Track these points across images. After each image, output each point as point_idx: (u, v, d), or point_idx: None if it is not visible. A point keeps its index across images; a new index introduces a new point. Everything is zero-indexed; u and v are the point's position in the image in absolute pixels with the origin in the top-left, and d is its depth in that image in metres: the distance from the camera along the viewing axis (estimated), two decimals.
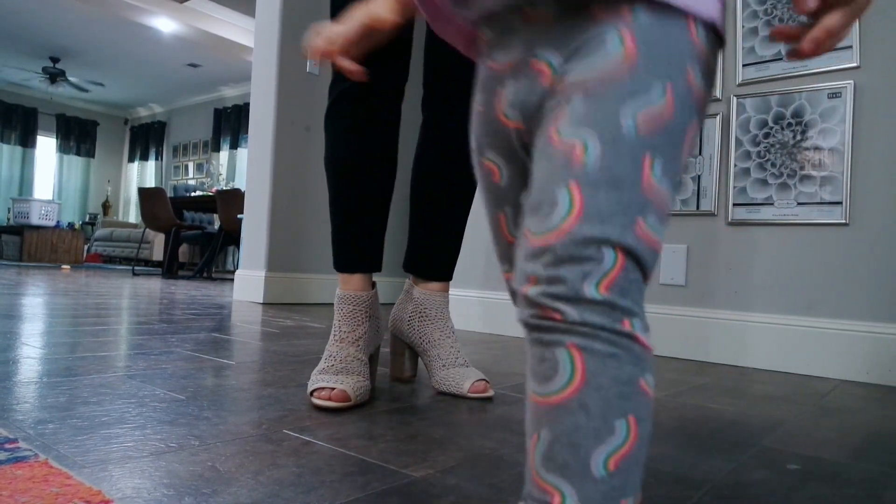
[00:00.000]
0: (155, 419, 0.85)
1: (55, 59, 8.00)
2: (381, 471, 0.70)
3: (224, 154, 9.10)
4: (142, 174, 10.49)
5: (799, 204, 1.68)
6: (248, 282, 3.11)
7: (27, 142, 9.62)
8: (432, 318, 1.18)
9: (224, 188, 7.10)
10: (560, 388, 0.36)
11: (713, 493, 0.68)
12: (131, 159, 10.75)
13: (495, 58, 0.47)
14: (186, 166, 9.84)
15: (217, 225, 5.70)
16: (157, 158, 10.29)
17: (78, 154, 10.24)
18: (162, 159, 10.26)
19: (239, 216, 4.13)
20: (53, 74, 8.13)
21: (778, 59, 1.73)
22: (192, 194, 7.17)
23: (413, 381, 1.24)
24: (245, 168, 5.37)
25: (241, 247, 3.28)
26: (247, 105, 7.88)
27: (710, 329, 1.79)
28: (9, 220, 7.55)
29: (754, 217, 1.75)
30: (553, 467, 0.36)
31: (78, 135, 10.20)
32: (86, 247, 8.00)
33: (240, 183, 8.11)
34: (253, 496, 0.60)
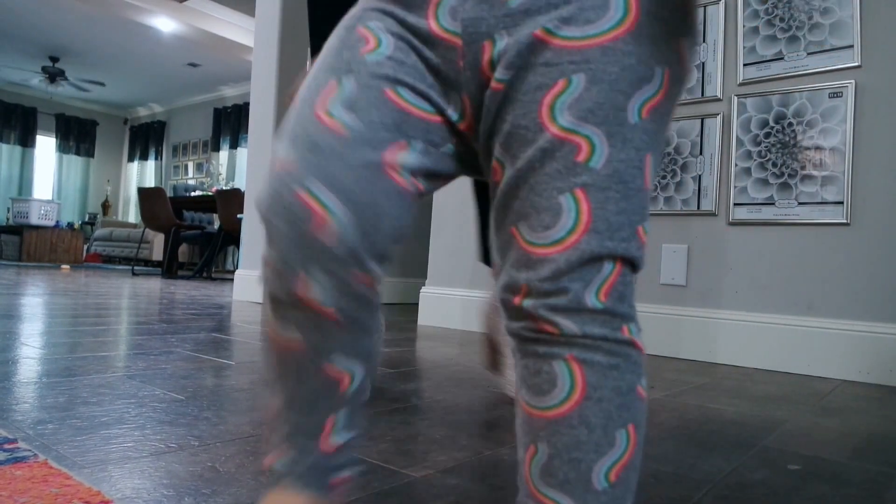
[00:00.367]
0: (155, 419, 0.85)
1: (55, 59, 7.99)
2: (381, 471, 0.69)
3: (224, 154, 9.09)
4: (141, 174, 10.49)
5: (800, 204, 1.68)
6: (248, 282, 3.11)
7: (27, 141, 9.61)
8: None
9: (224, 188, 7.10)
10: (559, 402, 0.34)
11: (713, 493, 0.68)
12: (131, 159, 10.75)
13: None
14: (186, 166, 9.84)
15: (217, 225, 5.69)
16: (156, 158, 10.28)
17: (77, 154, 10.24)
18: (162, 159, 10.25)
19: (239, 216, 4.13)
20: (53, 74, 8.13)
21: (779, 58, 1.73)
22: (192, 194, 7.17)
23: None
24: (245, 168, 5.37)
25: (241, 247, 3.27)
26: (247, 105, 7.88)
27: (711, 329, 1.79)
28: (8, 219, 7.54)
29: (755, 217, 1.75)
30: (554, 483, 0.35)
31: (77, 134, 10.19)
32: (85, 247, 8.00)
33: (240, 183, 8.10)
34: (253, 496, 0.60)
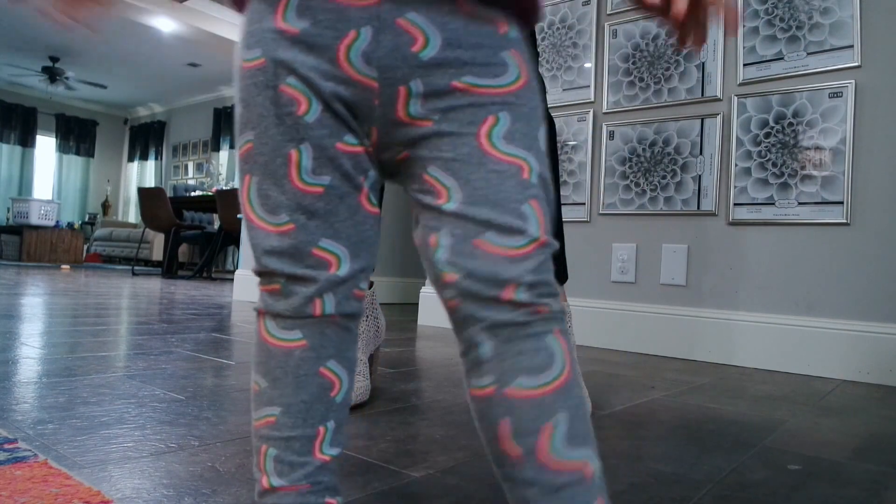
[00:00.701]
0: (155, 419, 0.85)
1: (55, 59, 7.99)
2: (381, 471, 0.69)
3: (224, 154, 9.09)
4: (141, 174, 10.49)
5: (800, 204, 1.68)
6: (248, 282, 3.11)
7: (26, 141, 9.61)
8: None
9: (224, 188, 7.10)
10: (559, 373, 0.41)
11: (714, 493, 0.68)
12: (131, 159, 10.75)
13: None
14: (186, 166, 9.84)
15: (217, 225, 5.69)
16: (156, 158, 10.28)
17: (77, 154, 10.23)
18: (162, 159, 10.25)
19: (239, 216, 4.13)
20: (53, 74, 8.13)
21: (779, 58, 1.73)
22: (192, 194, 7.17)
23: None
24: None
25: (241, 247, 3.28)
26: None
27: (711, 329, 1.79)
28: (8, 219, 7.55)
29: (755, 217, 1.75)
30: (579, 442, 0.40)
31: (77, 134, 10.19)
32: (85, 247, 8.00)
33: None
34: (253, 496, 0.60)
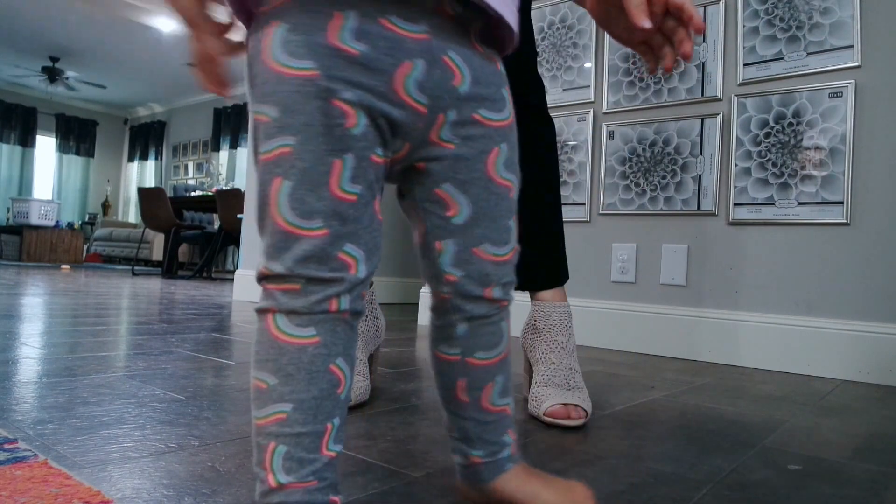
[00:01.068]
0: (155, 419, 0.85)
1: (55, 59, 7.99)
2: (381, 471, 0.69)
3: (224, 154, 9.09)
4: (141, 174, 10.49)
5: (800, 204, 1.68)
6: (248, 282, 3.11)
7: (26, 141, 9.61)
8: (540, 330, 1.08)
9: (224, 188, 7.10)
10: (503, 348, 0.56)
11: (714, 493, 0.68)
12: (131, 159, 10.75)
13: (397, 23, 0.44)
14: (186, 166, 9.84)
15: (217, 225, 5.69)
16: (156, 158, 10.28)
17: (77, 154, 10.24)
18: (162, 159, 10.25)
19: (239, 216, 4.13)
20: (53, 74, 8.13)
21: (779, 58, 1.73)
22: (192, 194, 7.17)
23: None
24: (245, 168, 5.37)
25: (241, 247, 3.28)
26: (247, 105, 7.87)
27: (711, 329, 1.79)
28: (8, 219, 7.55)
29: (755, 217, 1.75)
30: (507, 394, 0.56)
31: (77, 134, 10.19)
32: (85, 247, 8.00)
33: (240, 183, 8.10)
34: (253, 497, 0.60)
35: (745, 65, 1.78)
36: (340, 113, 0.43)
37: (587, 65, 2.09)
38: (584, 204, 2.07)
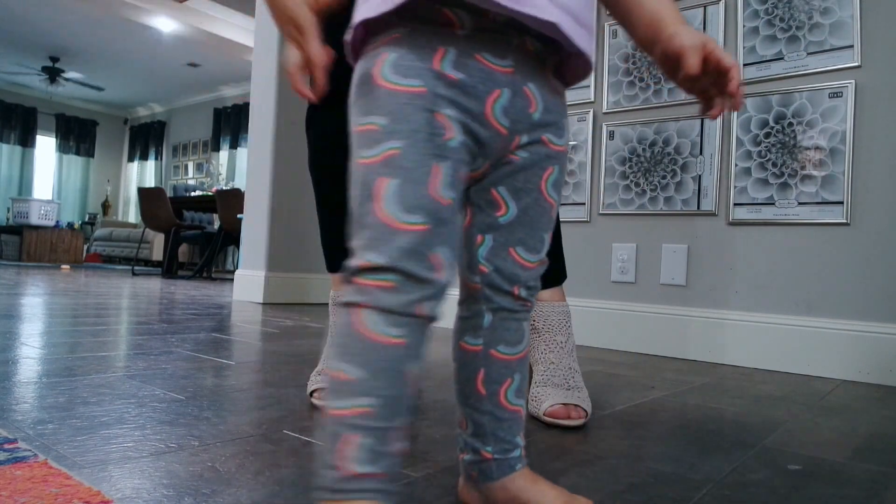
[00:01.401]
0: (155, 419, 0.85)
1: (55, 59, 7.99)
2: None
3: (224, 154, 9.09)
4: (141, 174, 10.49)
5: (800, 204, 1.68)
6: (248, 282, 3.11)
7: (26, 141, 9.61)
8: (539, 329, 1.08)
9: (224, 188, 7.10)
10: (524, 347, 0.59)
11: (713, 493, 0.68)
12: (131, 159, 10.75)
13: (488, 58, 0.51)
14: (186, 166, 9.84)
15: (217, 225, 5.69)
16: (156, 158, 10.28)
17: (77, 154, 10.23)
18: (162, 159, 10.25)
19: (239, 216, 4.13)
20: (53, 74, 8.13)
21: (779, 58, 1.73)
22: (192, 194, 7.17)
23: None
24: (245, 168, 5.37)
25: (241, 247, 3.27)
26: (247, 105, 7.87)
27: (711, 329, 1.79)
28: (8, 219, 7.55)
29: (755, 217, 1.75)
30: (521, 395, 0.59)
31: (77, 134, 10.19)
32: (85, 247, 8.00)
33: (240, 183, 8.10)
34: (253, 496, 0.60)
35: (745, 65, 1.78)
36: (441, 125, 0.49)
37: None
38: (584, 204, 2.07)
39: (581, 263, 2.03)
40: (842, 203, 1.61)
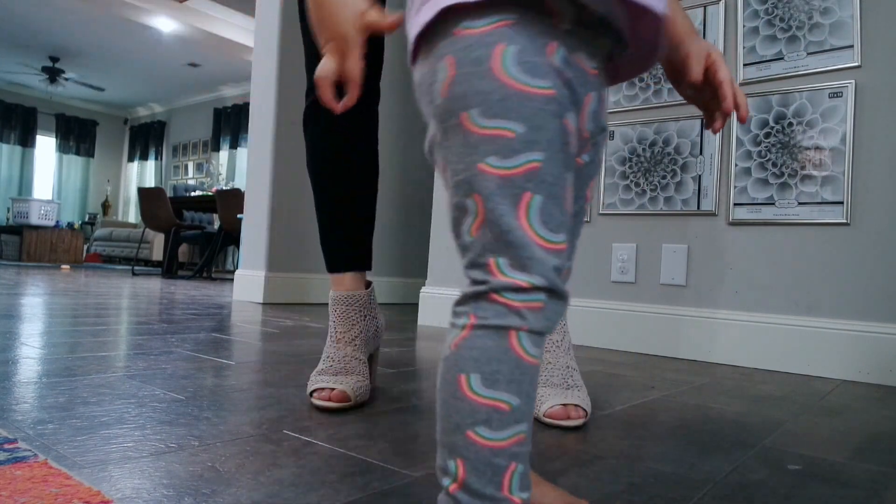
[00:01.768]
0: (155, 419, 0.85)
1: (55, 59, 8.00)
2: (381, 471, 0.69)
3: (224, 154, 9.10)
4: (141, 174, 10.49)
5: (800, 204, 1.68)
6: (248, 282, 3.11)
7: (26, 141, 9.61)
8: None
9: (224, 188, 7.10)
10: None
11: (713, 493, 0.68)
12: (131, 159, 10.75)
13: (584, 59, 0.48)
14: (186, 166, 9.84)
15: (217, 225, 5.69)
16: (156, 158, 10.28)
17: (77, 154, 10.24)
18: (162, 159, 10.25)
19: (239, 216, 4.13)
20: (53, 74, 8.13)
21: (779, 58, 1.73)
22: (192, 194, 7.17)
23: None
24: (245, 168, 5.37)
25: (241, 247, 3.27)
26: (247, 105, 7.87)
27: (711, 329, 1.79)
28: (8, 219, 7.55)
29: (755, 217, 1.75)
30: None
31: (77, 134, 10.19)
32: (85, 247, 8.00)
33: (240, 183, 8.10)
34: (253, 496, 0.60)
35: (745, 65, 1.78)
36: (568, 132, 0.46)
37: None
38: None
39: (581, 263, 2.03)
40: (842, 203, 1.61)
